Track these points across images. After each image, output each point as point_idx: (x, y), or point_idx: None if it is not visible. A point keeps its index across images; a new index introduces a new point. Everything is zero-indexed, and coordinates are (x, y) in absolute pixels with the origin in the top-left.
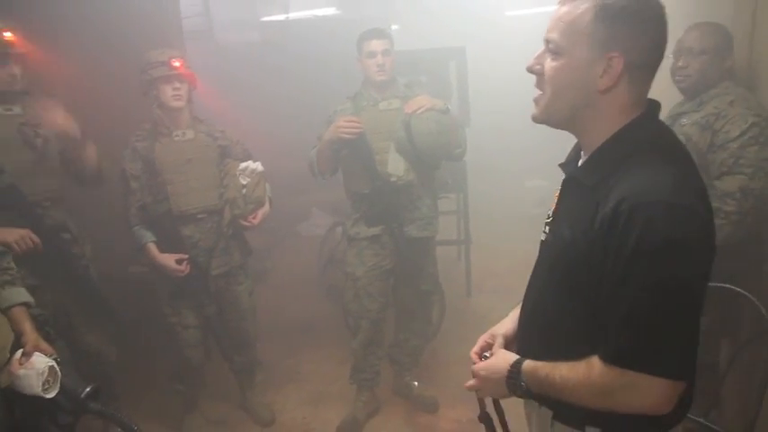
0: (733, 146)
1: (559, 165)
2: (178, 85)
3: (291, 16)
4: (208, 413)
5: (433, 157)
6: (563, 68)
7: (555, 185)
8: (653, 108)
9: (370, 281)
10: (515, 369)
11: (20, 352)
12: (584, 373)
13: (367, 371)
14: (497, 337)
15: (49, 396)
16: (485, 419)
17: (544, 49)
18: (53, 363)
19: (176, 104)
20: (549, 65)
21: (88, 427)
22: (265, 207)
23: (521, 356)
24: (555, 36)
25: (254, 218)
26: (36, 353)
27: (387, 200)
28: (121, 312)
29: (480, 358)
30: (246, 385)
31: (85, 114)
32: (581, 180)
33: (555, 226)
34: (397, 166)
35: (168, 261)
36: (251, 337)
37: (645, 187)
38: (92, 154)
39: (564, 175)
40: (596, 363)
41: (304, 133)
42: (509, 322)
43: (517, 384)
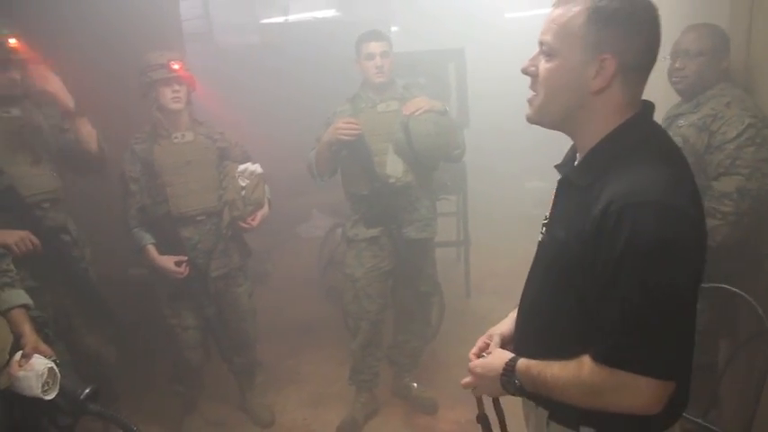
0: (730, 147)
1: (555, 166)
2: (177, 88)
3: (291, 18)
4: (207, 414)
5: (432, 158)
6: (556, 70)
7: (554, 186)
8: (646, 109)
9: (369, 282)
10: (510, 367)
11: (19, 354)
12: (574, 373)
13: (366, 372)
14: (494, 337)
15: (49, 397)
16: (482, 420)
17: (539, 51)
18: (52, 364)
19: (175, 107)
20: (543, 66)
21: (88, 429)
22: (264, 209)
23: (517, 356)
24: (548, 38)
25: (254, 219)
26: (35, 354)
27: (385, 201)
28: (121, 314)
29: (478, 359)
30: (246, 386)
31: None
32: (574, 181)
33: (550, 227)
34: (395, 167)
35: (167, 263)
36: (250, 339)
37: (635, 188)
38: (89, 130)
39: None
40: (587, 362)
41: (303, 135)
42: (507, 323)
43: (511, 382)
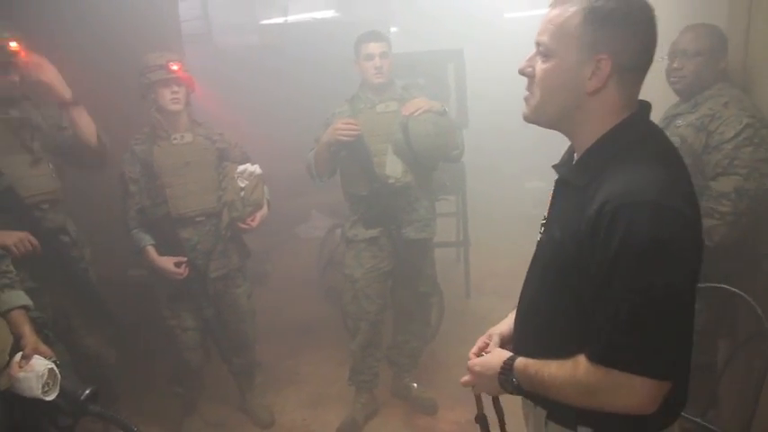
0: (728, 147)
1: (553, 166)
2: (176, 89)
3: (290, 19)
4: (207, 415)
5: (431, 158)
6: (553, 70)
7: (553, 186)
8: (643, 109)
9: (369, 283)
10: (508, 365)
11: (19, 355)
12: (570, 372)
13: (366, 372)
14: (494, 337)
15: (49, 398)
16: (480, 420)
17: (536, 51)
18: (52, 365)
19: (174, 108)
20: (540, 67)
21: (88, 430)
22: (264, 209)
23: (516, 355)
24: (545, 39)
25: (253, 220)
26: (35, 355)
27: (385, 202)
28: (120, 315)
29: (478, 358)
30: (246, 387)
31: None
32: (571, 181)
33: (548, 227)
34: (394, 168)
35: (167, 264)
36: (250, 340)
37: (629, 188)
38: (87, 121)
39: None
40: (582, 361)
41: (302, 135)
42: (507, 323)
43: (509, 380)
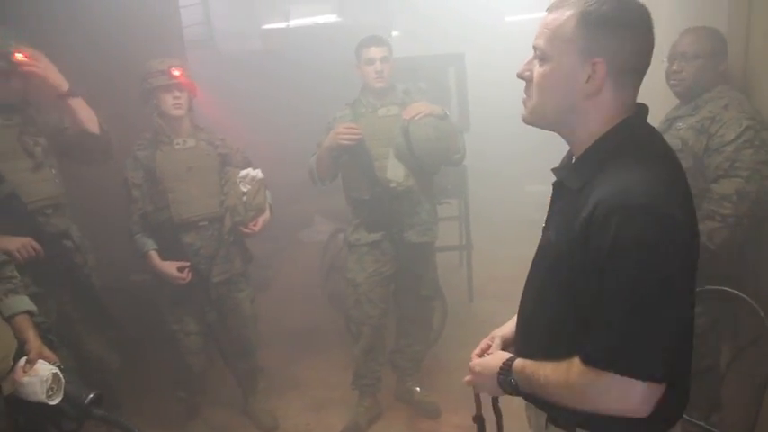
0: (728, 149)
1: (552, 169)
2: (178, 94)
3: (291, 24)
4: (210, 420)
5: (432, 162)
6: (549, 74)
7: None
8: (639, 112)
9: (371, 287)
10: (507, 366)
11: (24, 359)
12: (564, 374)
13: (368, 376)
14: (496, 339)
15: (53, 402)
16: (478, 421)
17: (533, 55)
18: (57, 370)
19: (177, 113)
20: (537, 71)
21: None
22: (266, 214)
23: (518, 357)
24: (541, 43)
25: (255, 225)
26: (40, 360)
27: (386, 206)
28: (123, 320)
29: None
30: (249, 392)
31: None
32: (566, 184)
33: (546, 230)
34: (396, 172)
35: (170, 269)
36: (252, 344)
37: (621, 191)
38: (87, 111)
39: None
40: (576, 363)
41: (304, 140)
42: (510, 325)
43: (507, 381)
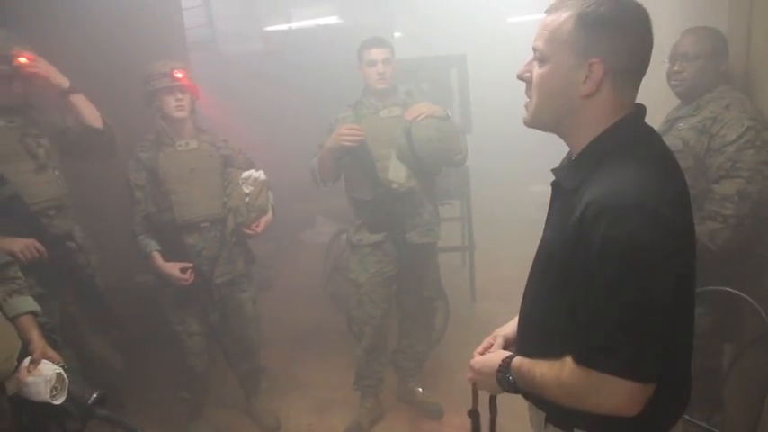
0: (730, 150)
1: (552, 169)
2: (180, 96)
3: (294, 26)
4: (213, 420)
5: (434, 163)
6: (548, 75)
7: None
8: (636, 112)
9: (374, 287)
10: (505, 363)
11: (28, 359)
12: (557, 372)
13: (371, 377)
14: (498, 338)
15: (57, 402)
16: (473, 415)
17: (533, 56)
18: (60, 370)
19: (179, 115)
20: (536, 72)
21: None
22: (268, 215)
23: (519, 355)
24: (540, 44)
25: (257, 226)
26: (44, 360)
27: (389, 206)
28: (126, 321)
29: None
30: (251, 392)
31: None
32: (563, 184)
33: (545, 230)
34: (398, 173)
35: (172, 269)
36: (255, 345)
37: (613, 191)
38: (89, 107)
39: None
40: (568, 362)
41: (307, 141)
42: (512, 325)
43: (505, 379)
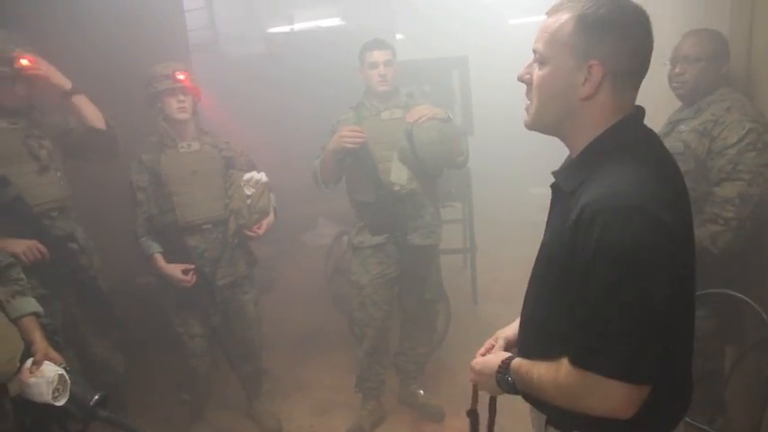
0: (731, 152)
1: (553, 172)
2: (183, 98)
3: (296, 28)
4: (214, 422)
5: (436, 165)
6: (548, 77)
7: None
8: (635, 114)
9: (375, 289)
10: (505, 364)
11: (30, 361)
12: (554, 373)
13: (372, 379)
14: (500, 340)
15: (59, 404)
16: (472, 415)
17: (533, 58)
18: (63, 371)
19: (181, 117)
20: (536, 74)
21: None
22: (270, 217)
23: (518, 356)
24: (540, 46)
25: (259, 228)
26: (46, 361)
27: (390, 208)
28: (128, 322)
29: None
30: (253, 394)
31: None
32: (561, 186)
33: (545, 232)
34: (399, 174)
35: (174, 271)
36: (257, 347)
37: (608, 192)
38: (92, 107)
39: None
40: (564, 363)
41: (309, 143)
42: (513, 326)
43: (504, 380)
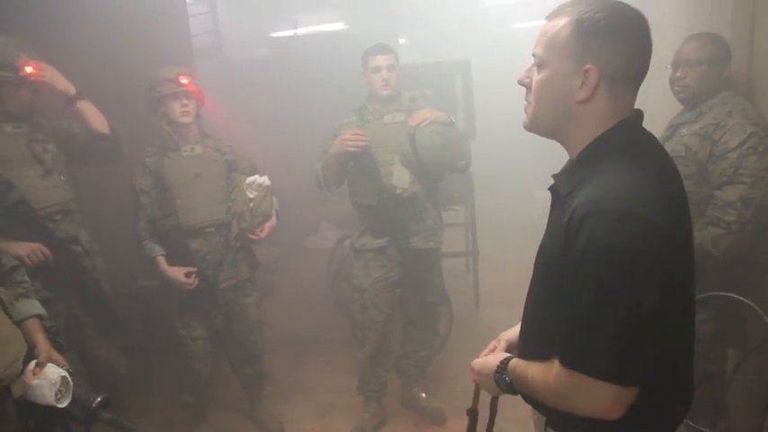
0: (732, 156)
1: (553, 175)
2: (186, 102)
3: (299, 32)
4: (216, 424)
5: (438, 169)
6: (546, 81)
7: None
8: (633, 117)
9: (377, 292)
10: (503, 365)
11: (33, 363)
12: (545, 373)
13: (374, 382)
14: (501, 342)
15: (62, 405)
16: (471, 414)
17: (533, 62)
18: (65, 373)
19: (184, 120)
20: (535, 78)
21: None
22: (272, 220)
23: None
24: (539, 50)
25: (262, 231)
26: (49, 363)
27: (392, 212)
28: (131, 325)
29: None
30: (255, 397)
31: None
32: (557, 189)
33: (543, 235)
34: (402, 178)
35: (177, 274)
36: (259, 350)
37: (598, 196)
38: (95, 112)
39: None
40: (555, 364)
41: (311, 146)
42: (516, 329)
43: (502, 379)
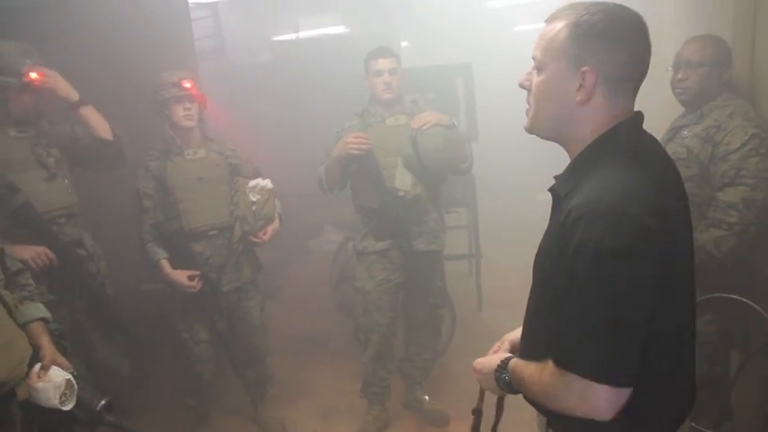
0: (734, 157)
1: (554, 177)
2: (189, 106)
3: (301, 36)
4: (219, 427)
5: (440, 171)
6: (544, 83)
7: None
8: (631, 119)
9: (380, 295)
10: (503, 365)
11: (38, 365)
12: (539, 373)
13: (377, 385)
14: (505, 343)
15: (66, 408)
16: (476, 413)
17: (533, 65)
18: (70, 376)
19: (187, 124)
20: (535, 80)
21: None
22: (275, 223)
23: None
24: (538, 53)
25: (264, 234)
26: (53, 366)
27: (395, 214)
28: (135, 328)
29: None
30: (258, 400)
31: None
32: (557, 191)
33: (543, 236)
34: (404, 180)
35: (180, 277)
36: (262, 352)
37: (592, 197)
38: (99, 118)
39: None
40: (549, 364)
41: (314, 150)
42: (519, 330)
43: (502, 378)
